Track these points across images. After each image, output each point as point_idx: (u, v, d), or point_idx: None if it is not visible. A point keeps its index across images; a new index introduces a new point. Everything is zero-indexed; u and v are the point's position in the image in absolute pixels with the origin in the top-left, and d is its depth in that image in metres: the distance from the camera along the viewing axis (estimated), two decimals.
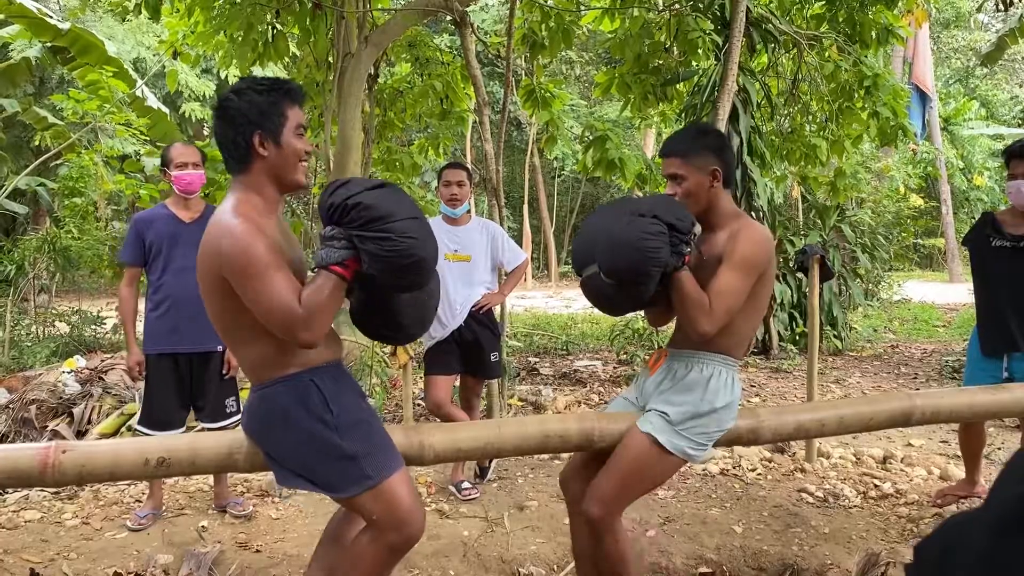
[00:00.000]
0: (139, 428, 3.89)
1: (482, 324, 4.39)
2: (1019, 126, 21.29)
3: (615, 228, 2.34)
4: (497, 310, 4.74)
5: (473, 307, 4.35)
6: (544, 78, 7.68)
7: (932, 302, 15.26)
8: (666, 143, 2.59)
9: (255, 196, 2.13)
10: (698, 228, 2.52)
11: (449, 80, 7.97)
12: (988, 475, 4.20)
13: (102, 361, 5.88)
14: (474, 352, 4.40)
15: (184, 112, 17.52)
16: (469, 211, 4.51)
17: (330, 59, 6.93)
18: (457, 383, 4.63)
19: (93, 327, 8.36)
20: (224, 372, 3.94)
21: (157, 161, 9.12)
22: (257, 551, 3.57)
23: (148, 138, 9.89)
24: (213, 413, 3.93)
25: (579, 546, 2.72)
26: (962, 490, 4.13)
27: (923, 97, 12.87)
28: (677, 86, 8.08)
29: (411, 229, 2.05)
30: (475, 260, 4.39)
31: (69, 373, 5.58)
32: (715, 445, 2.51)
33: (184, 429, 3.94)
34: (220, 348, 3.91)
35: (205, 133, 20.24)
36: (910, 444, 5.23)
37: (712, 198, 2.52)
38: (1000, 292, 3.84)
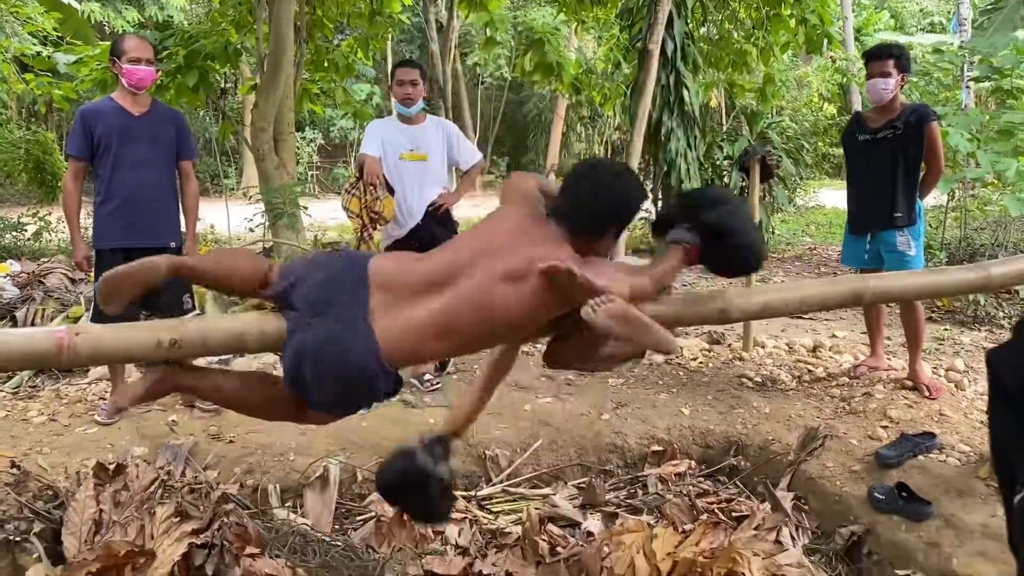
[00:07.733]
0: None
1: (440, 224, 4.43)
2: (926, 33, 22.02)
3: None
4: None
5: (430, 206, 4.39)
6: None
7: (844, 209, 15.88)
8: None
9: None
10: None
11: None
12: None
13: (39, 265, 5.72)
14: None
15: (84, 13, 16.45)
16: (424, 110, 4.50)
17: None
18: None
19: (14, 234, 8.05)
20: None
21: (70, 59, 8.67)
22: (231, 442, 3.66)
23: (60, 35, 9.34)
24: (170, 309, 3.89)
25: None
26: (871, 363, 4.51)
27: None
28: None
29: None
30: (431, 159, 4.40)
31: (5, 278, 5.42)
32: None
33: None
34: (173, 244, 3.89)
35: (107, 32, 19.10)
36: (835, 335, 5.60)
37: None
38: (862, 179, 4.35)
